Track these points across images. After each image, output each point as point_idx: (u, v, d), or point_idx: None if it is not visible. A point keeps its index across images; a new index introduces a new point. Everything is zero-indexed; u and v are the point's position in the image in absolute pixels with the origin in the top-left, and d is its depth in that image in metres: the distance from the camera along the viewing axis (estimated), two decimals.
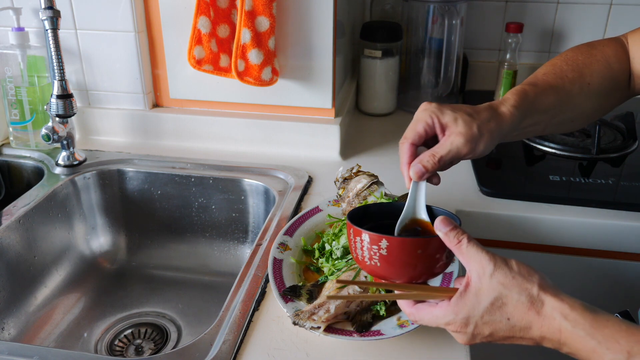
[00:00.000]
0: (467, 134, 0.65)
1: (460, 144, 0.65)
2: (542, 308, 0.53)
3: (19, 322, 0.93)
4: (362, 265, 0.61)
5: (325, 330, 0.65)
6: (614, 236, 0.95)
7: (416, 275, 0.60)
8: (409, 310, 0.60)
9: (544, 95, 0.73)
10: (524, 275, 0.55)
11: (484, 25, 1.49)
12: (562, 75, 0.76)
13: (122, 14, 1.10)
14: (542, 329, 0.53)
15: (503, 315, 0.54)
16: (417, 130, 0.66)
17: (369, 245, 0.59)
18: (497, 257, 0.56)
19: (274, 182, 1.05)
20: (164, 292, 1.06)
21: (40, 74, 1.12)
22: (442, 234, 0.57)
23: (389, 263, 0.59)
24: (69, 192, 1.07)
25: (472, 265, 0.56)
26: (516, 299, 0.54)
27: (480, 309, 0.55)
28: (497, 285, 0.54)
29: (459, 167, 1.11)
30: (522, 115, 0.70)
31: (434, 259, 0.59)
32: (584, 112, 0.78)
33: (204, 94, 1.15)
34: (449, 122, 0.66)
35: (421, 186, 0.66)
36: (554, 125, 0.77)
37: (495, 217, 0.97)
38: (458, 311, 0.56)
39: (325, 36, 1.06)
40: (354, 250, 0.62)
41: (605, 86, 0.78)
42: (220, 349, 0.66)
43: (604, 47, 0.79)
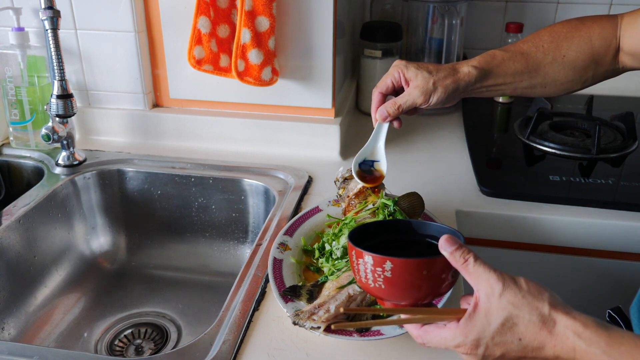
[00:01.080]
0: (423, 87, 0.79)
1: (416, 96, 0.79)
2: (554, 327, 0.52)
3: (19, 322, 0.93)
4: (366, 287, 0.60)
5: (325, 330, 0.65)
6: (614, 236, 0.95)
7: (421, 296, 0.58)
8: (416, 332, 0.59)
9: (511, 61, 0.82)
10: (533, 294, 0.54)
11: (484, 25, 1.49)
12: (538, 44, 0.84)
13: (122, 14, 1.10)
14: (555, 348, 0.52)
15: (514, 336, 0.53)
16: (386, 82, 0.82)
17: (373, 267, 0.57)
18: (505, 275, 0.55)
19: (274, 182, 1.05)
20: (164, 292, 1.06)
21: (40, 74, 1.12)
22: (448, 254, 0.56)
23: (393, 285, 0.57)
24: (69, 192, 1.07)
25: (480, 285, 0.55)
26: (527, 318, 0.53)
27: (490, 330, 0.54)
28: (507, 305, 0.53)
29: (459, 167, 1.11)
30: (481, 75, 0.81)
31: (440, 279, 0.58)
32: (557, 80, 0.84)
33: (204, 94, 1.15)
34: (411, 77, 0.80)
35: (384, 127, 0.83)
36: (522, 88, 0.84)
37: (495, 217, 0.97)
38: (468, 333, 0.54)
39: (325, 36, 1.06)
40: (357, 273, 0.60)
41: (582, 60, 0.83)
42: (220, 349, 0.66)
43: (593, 23, 0.85)
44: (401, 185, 0.94)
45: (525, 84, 0.83)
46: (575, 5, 1.43)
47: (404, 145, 1.21)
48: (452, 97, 0.80)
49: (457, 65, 0.81)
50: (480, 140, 1.23)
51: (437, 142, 1.22)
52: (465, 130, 1.27)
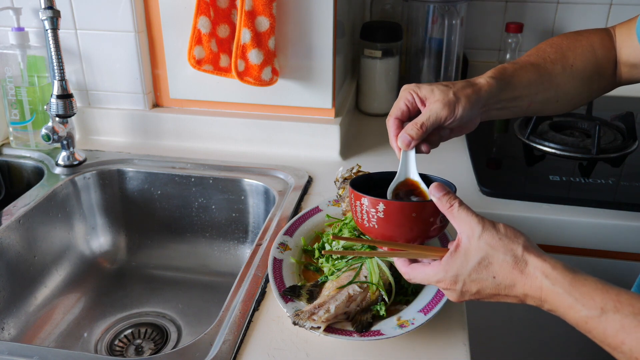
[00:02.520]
0: (443, 99, 0.70)
1: (439, 109, 0.70)
2: (525, 267, 0.56)
3: (19, 322, 0.93)
4: (362, 227, 0.67)
5: (325, 330, 0.65)
6: (614, 236, 0.95)
7: (412, 237, 0.64)
8: (404, 269, 0.65)
9: (523, 71, 0.78)
10: (509, 237, 0.58)
11: (484, 25, 1.49)
12: (544, 55, 0.81)
13: (122, 14, 1.10)
14: (525, 287, 0.56)
15: (489, 274, 0.58)
16: (400, 106, 0.72)
17: (368, 208, 0.64)
18: (485, 220, 0.59)
19: (274, 182, 1.05)
20: (164, 292, 1.06)
21: (40, 74, 1.12)
22: (436, 199, 0.62)
23: (386, 225, 0.63)
24: (69, 192, 1.07)
25: (462, 228, 0.60)
26: (502, 258, 0.57)
27: (468, 268, 0.58)
28: (485, 245, 0.58)
29: (459, 167, 1.11)
30: (499, 86, 0.74)
31: (428, 222, 0.64)
32: (568, 93, 0.81)
33: (204, 94, 1.15)
34: (427, 94, 0.71)
35: (410, 154, 0.71)
36: (537, 102, 0.79)
37: (495, 217, 0.96)
38: (448, 269, 0.59)
39: (325, 36, 1.06)
40: (355, 214, 0.67)
41: (588, 70, 0.81)
42: (220, 349, 0.66)
43: (590, 34, 0.83)
44: None
45: (539, 97, 0.79)
46: (575, 5, 1.43)
47: None
48: (475, 109, 0.72)
49: (472, 79, 0.75)
50: (480, 140, 1.23)
51: None
52: None
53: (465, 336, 0.70)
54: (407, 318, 0.67)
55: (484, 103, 0.73)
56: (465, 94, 0.71)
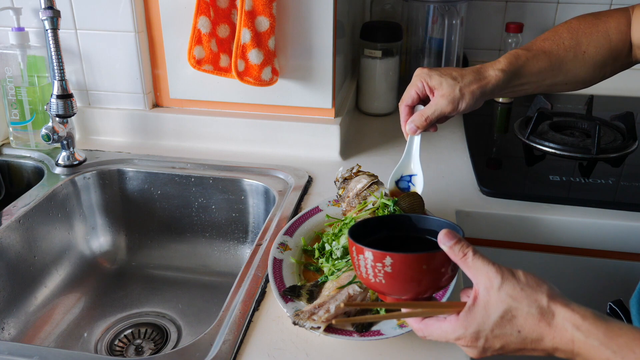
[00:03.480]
0: (449, 95, 0.76)
1: (444, 105, 0.77)
2: (553, 319, 0.53)
3: (19, 322, 0.93)
4: (367, 283, 0.60)
5: (325, 330, 0.65)
6: (614, 236, 0.95)
7: (422, 290, 0.59)
8: (417, 326, 0.60)
9: (535, 60, 0.81)
10: (532, 287, 0.54)
11: (484, 25, 1.49)
12: (559, 41, 0.83)
13: (122, 14, 1.10)
14: (554, 340, 0.53)
15: (514, 328, 0.54)
16: (411, 93, 0.80)
17: (373, 262, 0.58)
18: (504, 268, 0.55)
19: (274, 182, 1.05)
20: (164, 292, 1.06)
21: (40, 74, 1.12)
22: (447, 248, 0.57)
23: (393, 280, 0.58)
24: (69, 192, 1.07)
25: (479, 279, 0.55)
26: (526, 311, 0.53)
27: (490, 323, 0.54)
28: (506, 297, 0.54)
29: (459, 167, 1.11)
30: (509, 78, 0.79)
31: (440, 273, 0.58)
32: (578, 77, 0.84)
33: (204, 94, 1.15)
34: (435, 85, 0.78)
35: (415, 140, 0.82)
36: (545, 86, 0.84)
37: (495, 217, 0.97)
38: (467, 326, 0.55)
39: (325, 36, 1.06)
40: (358, 268, 0.60)
41: (602, 55, 0.83)
42: (220, 349, 0.66)
43: (608, 17, 0.84)
44: None
45: (548, 82, 0.83)
46: (575, 5, 1.43)
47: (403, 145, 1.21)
48: (480, 101, 0.79)
49: (482, 69, 0.79)
50: (480, 140, 1.23)
51: (437, 142, 1.22)
52: (465, 130, 1.27)
53: None
54: None
55: (489, 94, 0.79)
56: (470, 91, 0.76)
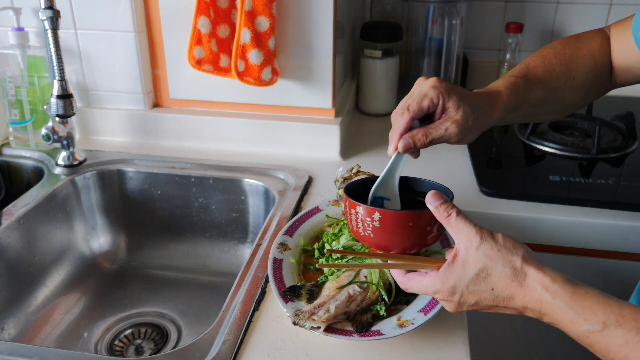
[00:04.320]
0: (462, 125, 0.68)
1: (453, 133, 0.68)
2: (524, 280, 0.55)
3: (19, 322, 0.93)
4: (357, 235, 0.65)
5: (325, 330, 0.65)
6: (614, 236, 0.95)
7: (408, 246, 0.63)
8: (401, 278, 0.63)
9: (532, 91, 0.77)
10: (509, 248, 0.57)
11: (484, 25, 1.49)
12: (550, 69, 0.79)
13: (122, 14, 1.10)
14: (524, 299, 0.55)
15: (487, 286, 0.57)
16: (422, 105, 0.67)
17: (363, 217, 0.62)
18: (484, 230, 0.58)
19: (274, 182, 1.05)
20: (164, 292, 1.06)
21: (40, 74, 1.12)
22: (433, 208, 0.60)
23: (382, 234, 0.62)
24: (69, 192, 1.07)
25: (460, 238, 0.58)
26: (500, 270, 0.56)
27: (466, 279, 0.57)
28: (483, 257, 0.57)
29: (459, 167, 1.11)
30: (510, 110, 0.75)
31: (425, 231, 0.62)
32: (566, 104, 0.82)
33: (204, 94, 1.15)
34: (450, 107, 0.68)
35: (403, 159, 0.69)
36: (536, 115, 0.82)
37: (495, 217, 0.97)
38: (445, 280, 0.58)
39: (325, 36, 1.06)
40: (350, 222, 0.65)
41: (589, 80, 0.81)
42: (220, 349, 0.66)
43: (590, 39, 0.82)
44: None
45: (540, 111, 0.80)
46: (575, 5, 1.43)
47: None
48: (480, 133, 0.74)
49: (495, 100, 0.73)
50: (480, 140, 1.22)
51: None
52: None
53: (465, 336, 0.70)
54: (407, 318, 0.67)
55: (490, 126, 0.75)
56: (480, 124, 0.71)
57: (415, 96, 0.68)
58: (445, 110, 0.68)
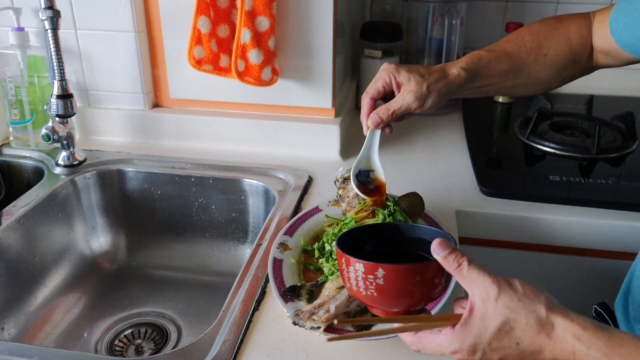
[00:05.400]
0: (417, 92, 0.77)
1: (411, 101, 0.77)
2: (552, 331, 0.51)
3: (19, 322, 0.93)
4: (357, 295, 0.58)
5: (325, 330, 0.65)
6: (614, 236, 0.95)
7: (414, 302, 0.57)
8: (410, 340, 0.58)
9: (497, 61, 0.83)
10: (530, 297, 0.53)
11: (484, 25, 1.49)
12: (521, 44, 0.85)
13: (122, 14, 1.10)
14: (554, 352, 0.52)
15: (512, 341, 0.52)
16: (377, 86, 0.79)
17: (364, 275, 0.55)
18: (500, 279, 0.54)
19: (274, 182, 1.05)
20: (164, 292, 1.06)
21: (40, 74, 1.12)
22: (441, 258, 0.55)
23: (386, 292, 0.56)
24: (69, 192, 1.07)
25: (475, 290, 0.54)
26: (524, 322, 0.52)
27: (487, 335, 0.53)
28: (504, 309, 0.52)
29: (459, 167, 1.11)
30: (470, 77, 0.81)
31: (433, 284, 0.56)
32: (538, 79, 0.86)
33: (204, 94, 1.15)
34: (403, 81, 0.77)
35: (376, 134, 0.80)
36: (506, 87, 0.86)
37: (495, 217, 0.97)
38: (464, 339, 0.53)
39: (325, 36, 1.06)
40: (347, 280, 0.58)
41: (562, 59, 0.85)
42: (220, 349, 0.66)
43: (569, 21, 0.86)
44: (401, 185, 0.94)
45: (509, 83, 0.85)
46: (575, 5, 1.43)
47: (403, 145, 1.21)
48: (444, 99, 0.80)
49: (446, 67, 0.80)
50: (480, 140, 1.23)
51: (437, 142, 1.22)
52: (465, 130, 1.27)
53: None
54: None
55: (452, 93, 0.80)
56: (436, 88, 0.78)
57: (372, 81, 0.79)
58: (400, 85, 0.78)
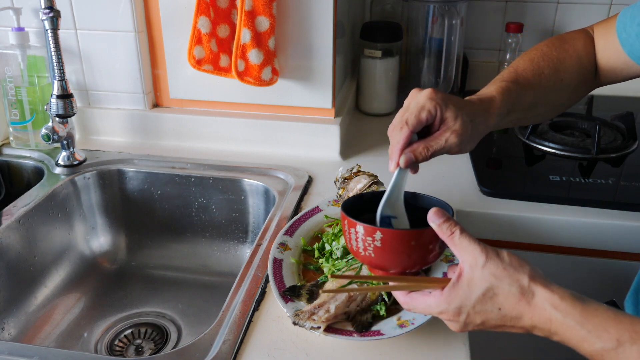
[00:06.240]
0: (462, 134, 0.67)
1: (454, 143, 0.67)
2: (532, 299, 0.54)
3: (19, 322, 0.93)
4: (357, 255, 0.63)
5: (325, 330, 0.65)
6: (614, 236, 0.95)
7: (410, 264, 0.62)
8: (403, 299, 0.62)
9: (524, 95, 0.76)
10: (515, 267, 0.56)
11: (484, 25, 1.49)
12: (539, 72, 0.79)
13: (122, 14, 1.10)
14: (532, 318, 0.55)
15: (494, 306, 0.56)
16: (421, 118, 0.65)
17: (364, 236, 0.60)
18: (488, 248, 0.57)
19: (274, 182, 1.05)
20: (164, 292, 1.06)
21: (40, 74, 1.12)
22: (435, 226, 0.59)
23: (383, 254, 0.61)
24: (69, 192, 1.07)
25: (464, 257, 0.57)
26: (507, 289, 0.55)
27: (472, 299, 0.56)
28: (489, 276, 0.56)
29: (459, 167, 1.11)
30: (504, 115, 0.75)
31: (427, 250, 0.61)
32: (555, 105, 0.82)
33: (204, 94, 1.15)
34: (449, 118, 0.66)
35: (406, 174, 0.67)
36: (527, 119, 0.82)
37: (495, 217, 0.97)
38: (450, 301, 0.57)
39: (325, 36, 1.06)
40: (349, 241, 0.63)
41: (575, 80, 0.81)
42: (220, 349, 0.66)
43: (574, 40, 0.82)
44: None
45: (531, 114, 0.80)
46: (575, 5, 1.43)
47: None
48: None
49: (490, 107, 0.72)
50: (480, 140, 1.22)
51: None
52: None
53: (465, 336, 0.70)
54: (407, 318, 0.67)
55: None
56: (478, 132, 0.70)
57: (413, 109, 0.66)
58: (443, 121, 0.67)
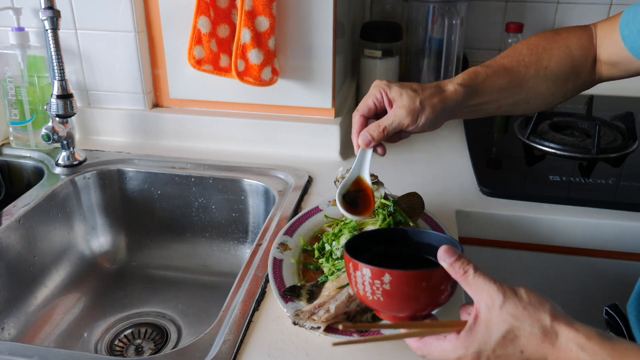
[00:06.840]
0: (409, 107, 0.72)
1: (403, 116, 0.72)
2: (556, 339, 0.51)
3: (19, 322, 0.93)
4: (364, 300, 0.59)
5: (325, 330, 0.65)
6: (614, 236, 0.95)
7: (420, 308, 0.58)
8: (416, 345, 0.58)
9: (495, 77, 0.78)
10: (534, 305, 0.53)
11: (484, 25, 1.49)
12: (519, 58, 0.80)
13: (122, 14, 1.10)
14: None
15: (516, 349, 0.53)
16: (368, 103, 0.75)
17: (371, 279, 0.56)
18: (505, 287, 0.54)
19: (274, 182, 1.05)
20: (164, 292, 1.06)
21: (40, 74, 1.12)
22: (447, 265, 0.56)
23: (392, 297, 0.57)
24: (69, 192, 1.07)
25: (480, 297, 0.54)
26: (529, 330, 0.52)
27: (491, 343, 0.53)
28: (508, 317, 0.53)
29: (459, 167, 1.11)
30: (468, 94, 0.76)
31: (439, 290, 0.57)
32: (540, 94, 0.82)
33: (204, 94, 1.15)
34: (395, 97, 0.73)
35: (367, 153, 0.74)
36: (507, 105, 0.81)
37: (495, 217, 0.96)
38: (469, 345, 0.54)
39: (325, 36, 1.06)
40: (354, 285, 0.59)
41: (563, 71, 0.81)
42: (220, 349, 0.66)
43: (569, 33, 0.83)
44: (401, 185, 0.94)
45: (509, 100, 0.80)
46: (575, 5, 1.43)
47: (403, 145, 1.20)
48: (440, 117, 0.75)
49: (442, 84, 0.76)
50: (480, 140, 1.23)
51: (437, 142, 1.22)
52: (465, 130, 1.27)
53: None
54: None
55: (449, 111, 0.75)
56: (431, 104, 0.73)
57: (363, 98, 0.75)
58: (392, 102, 0.74)
